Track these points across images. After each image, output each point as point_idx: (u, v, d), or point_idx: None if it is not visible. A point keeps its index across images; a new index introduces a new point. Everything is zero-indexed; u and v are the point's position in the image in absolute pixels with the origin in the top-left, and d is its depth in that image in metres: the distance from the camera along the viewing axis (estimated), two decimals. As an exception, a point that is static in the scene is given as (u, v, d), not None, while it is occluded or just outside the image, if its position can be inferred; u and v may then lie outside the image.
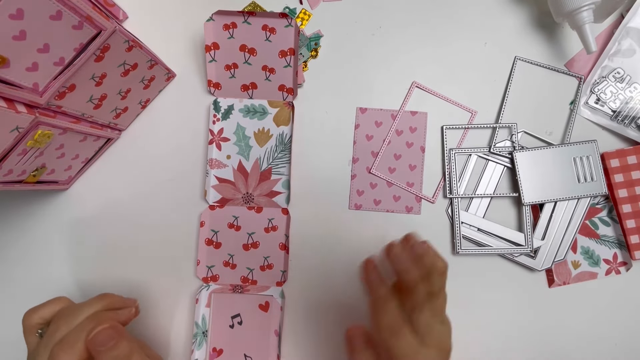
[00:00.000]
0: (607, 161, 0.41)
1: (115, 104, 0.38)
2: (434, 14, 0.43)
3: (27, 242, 0.42)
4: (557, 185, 0.41)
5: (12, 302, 0.42)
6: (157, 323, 0.42)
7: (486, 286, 0.42)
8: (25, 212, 0.42)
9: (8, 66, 0.25)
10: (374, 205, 0.42)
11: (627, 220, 0.40)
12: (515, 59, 0.43)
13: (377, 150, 0.42)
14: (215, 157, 0.42)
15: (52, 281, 0.42)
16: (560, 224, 0.41)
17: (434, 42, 0.43)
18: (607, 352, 0.42)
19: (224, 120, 0.42)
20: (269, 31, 0.39)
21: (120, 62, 0.34)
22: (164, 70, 0.40)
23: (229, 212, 0.42)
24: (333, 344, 0.41)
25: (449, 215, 0.42)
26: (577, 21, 0.38)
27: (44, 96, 0.29)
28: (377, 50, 0.43)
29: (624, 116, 0.41)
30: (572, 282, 0.42)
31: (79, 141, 0.37)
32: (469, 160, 0.42)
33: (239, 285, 0.42)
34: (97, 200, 0.42)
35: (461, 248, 0.41)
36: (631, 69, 0.41)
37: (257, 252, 0.42)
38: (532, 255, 0.41)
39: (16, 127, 0.28)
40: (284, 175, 0.42)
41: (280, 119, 0.42)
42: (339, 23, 0.43)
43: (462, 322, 0.38)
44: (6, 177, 0.32)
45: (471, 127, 0.43)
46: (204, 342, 0.40)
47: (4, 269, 0.42)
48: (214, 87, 0.42)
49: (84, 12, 0.27)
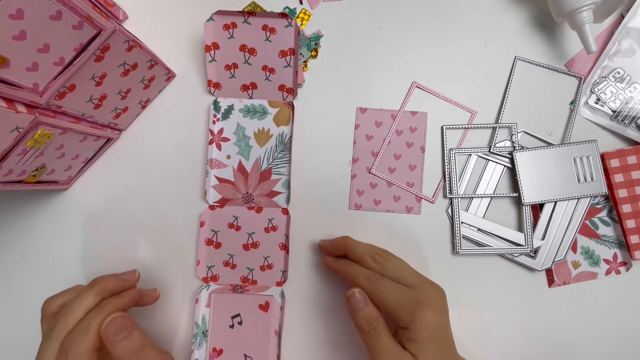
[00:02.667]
0: (607, 161, 0.41)
1: (115, 104, 0.38)
2: (434, 14, 0.43)
3: (27, 242, 0.42)
4: (557, 185, 0.41)
5: (11, 302, 0.42)
6: (157, 323, 0.42)
7: (486, 286, 0.42)
8: (25, 212, 0.42)
9: (8, 66, 0.25)
10: (374, 205, 0.42)
11: (627, 220, 0.40)
12: (515, 59, 0.43)
13: (377, 150, 0.42)
14: (215, 157, 0.42)
15: (52, 281, 0.42)
16: (560, 224, 0.41)
17: (434, 42, 0.43)
18: (607, 352, 0.42)
19: (224, 120, 0.42)
20: (269, 31, 0.39)
21: (120, 62, 0.34)
22: (164, 70, 0.40)
23: (229, 212, 0.42)
24: (333, 344, 0.41)
25: (449, 215, 0.42)
26: (577, 21, 0.38)
27: (44, 96, 0.29)
28: (377, 50, 0.43)
29: (624, 116, 0.41)
30: (572, 282, 0.42)
31: (79, 141, 0.37)
32: (469, 160, 0.42)
33: (239, 285, 0.42)
34: (97, 200, 0.42)
35: (461, 248, 0.41)
36: (631, 69, 0.41)
37: (257, 252, 0.42)
38: (532, 255, 0.41)
39: (16, 127, 0.28)
40: (284, 175, 0.42)
41: (280, 119, 0.42)
42: (339, 23, 0.43)
43: (461, 322, 0.38)
44: (6, 177, 0.32)
45: (471, 127, 0.43)
46: (204, 342, 0.40)
47: (4, 268, 0.42)
48: (214, 87, 0.42)
49: (84, 12, 0.27)
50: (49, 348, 0.27)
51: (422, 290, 0.32)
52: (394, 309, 0.31)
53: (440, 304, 0.32)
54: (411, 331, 0.30)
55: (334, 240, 0.39)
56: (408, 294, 0.31)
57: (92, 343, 0.27)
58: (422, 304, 0.30)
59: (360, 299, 0.32)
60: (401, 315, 0.31)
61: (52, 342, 0.27)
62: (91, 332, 0.27)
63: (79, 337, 0.27)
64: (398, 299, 0.31)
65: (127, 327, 0.28)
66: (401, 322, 0.31)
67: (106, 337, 0.27)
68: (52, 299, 0.32)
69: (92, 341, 0.27)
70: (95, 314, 0.28)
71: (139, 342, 0.28)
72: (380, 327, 0.31)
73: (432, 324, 0.30)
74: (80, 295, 0.30)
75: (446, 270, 0.42)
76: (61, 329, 0.28)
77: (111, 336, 0.27)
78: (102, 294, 0.30)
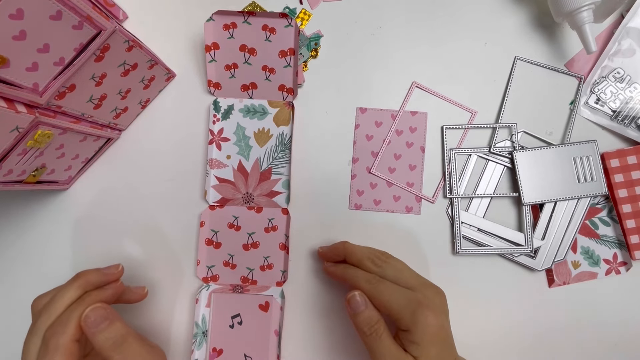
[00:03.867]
0: (607, 161, 0.41)
1: (115, 104, 0.38)
2: (434, 14, 0.43)
3: (27, 242, 0.42)
4: (557, 185, 0.41)
5: (11, 302, 0.42)
6: (156, 323, 0.42)
7: (486, 286, 0.42)
8: (25, 212, 0.42)
9: (8, 66, 0.25)
10: (374, 205, 0.42)
11: (627, 220, 0.40)
12: (515, 59, 0.43)
13: (377, 150, 0.42)
14: (215, 157, 0.42)
15: (51, 281, 0.42)
16: (560, 224, 0.41)
17: (434, 42, 0.43)
18: (607, 352, 0.42)
19: (224, 120, 0.42)
20: (269, 31, 0.39)
21: (120, 62, 0.34)
22: (164, 70, 0.40)
23: (229, 212, 0.42)
24: (333, 344, 0.41)
25: (449, 215, 0.42)
26: (577, 21, 0.38)
27: (44, 96, 0.29)
28: (377, 50, 0.43)
29: (624, 116, 0.41)
30: (572, 282, 0.42)
31: (79, 141, 0.37)
32: (469, 160, 0.42)
33: (239, 285, 0.42)
34: (97, 200, 0.42)
35: (461, 248, 0.41)
36: (631, 69, 0.41)
37: (257, 252, 0.42)
38: (532, 255, 0.41)
39: (16, 127, 0.28)
40: (284, 175, 0.42)
41: (280, 119, 0.42)
42: (339, 23, 0.43)
43: (462, 322, 0.38)
44: (6, 177, 0.32)
45: (471, 127, 0.43)
46: (204, 342, 0.40)
47: (4, 268, 0.42)
48: (214, 87, 0.42)
49: (84, 12, 0.27)
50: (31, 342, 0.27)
51: (423, 292, 0.32)
52: (395, 311, 0.31)
53: (441, 306, 0.32)
54: (412, 333, 0.30)
55: (332, 246, 0.39)
56: (409, 296, 0.31)
57: (73, 334, 0.27)
58: (424, 305, 0.30)
59: (360, 301, 0.32)
60: (402, 317, 0.31)
61: (35, 336, 0.28)
62: (71, 324, 0.27)
63: (59, 329, 0.27)
64: (399, 301, 0.31)
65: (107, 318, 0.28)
66: (402, 324, 0.31)
67: (87, 327, 0.27)
68: (41, 296, 0.32)
69: (72, 332, 0.27)
70: (77, 306, 0.28)
71: (120, 332, 0.28)
72: (382, 330, 0.31)
73: (434, 326, 0.30)
74: (63, 289, 0.30)
75: (446, 270, 0.42)
76: (43, 322, 0.28)
77: (92, 326, 0.27)
78: (84, 287, 0.30)
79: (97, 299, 0.30)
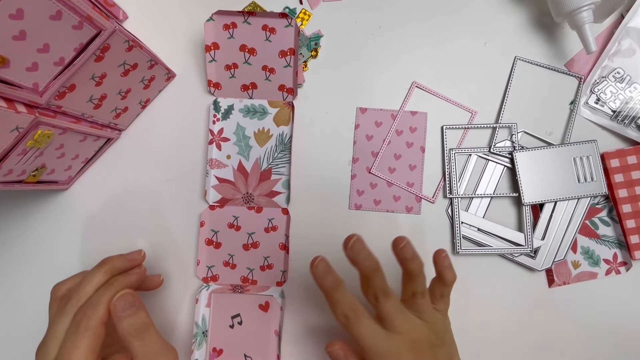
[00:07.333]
0: (607, 161, 0.41)
1: (115, 104, 0.38)
2: (433, 14, 0.43)
3: (27, 241, 0.42)
4: (557, 185, 0.41)
5: (11, 302, 0.42)
6: (157, 323, 0.41)
7: (486, 286, 0.42)
8: (25, 212, 0.42)
9: (8, 66, 0.25)
10: (374, 205, 0.42)
11: (627, 220, 0.40)
12: (515, 59, 0.43)
13: (377, 150, 0.42)
14: (215, 157, 0.42)
15: (51, 281, 0.42)
16: (560, 224, 0.41)
17: (434, 42, 0.43)
18: (607, 352, 0.42)
19: (224, 120, 0.42)
20: (269, 31, 0.39)
21: (120, 62, 0.34)
22: (164, 70, 0.40)
23: (229, 212, 0.42)
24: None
25: (449, 215, 0.42)
26: (577, 21, 0.38)
27: (44, 96, 0.29)
28: (377, 50, 0.43)
29: (624, 116, 0.41)
30: (572, 282, 0.42)
31: (79, 141, 0.37)
32: (469, 160, 0.42)
33: (239, 285, 0.42)
34: (97, 200, 0.42)
35: (461, 248, 0.41)
36: (631, 69, 0.41)
37: (257, 252, 0.42)
38: (532, 255, 0.41)
39: (16, 127, 0.28)
40: (284, 175, 0.42)
41: (280, 119, 0.42)
42: (339, 23, 0.43)
43: (461, 322, 0.38)
44: (6, 177, 0.32)
45: (471, 127, 0.43)
46: (204, 342, 0.40)
47: (4, 268, 0.42)
48: (214, 87, 0.42)
49: (84, 12, 0.27)
50: (61, 321, 0.29)
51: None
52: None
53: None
54: None
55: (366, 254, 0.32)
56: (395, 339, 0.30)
57: (102, 317, 0.28)
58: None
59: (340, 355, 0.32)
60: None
61: (65, 316, 0.29)
62: (101, 307, 0.28)
63: (89, 311, 0.28)
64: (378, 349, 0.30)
65: (134, 305, 0.29)
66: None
67: (115, 312, 0.28)
68: (60, 283, 0.33)
69: (101, 315, 0.28)
70: (105, 290, 0.30)
71: (143, 321, 0.29)
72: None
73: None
74: (90, 274, 0.31)
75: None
76: (73, 304, 0.29)
77: (119, 311, 0.28)
78: (110, 272, 0.32)
79: (124, 284, 0.31)
